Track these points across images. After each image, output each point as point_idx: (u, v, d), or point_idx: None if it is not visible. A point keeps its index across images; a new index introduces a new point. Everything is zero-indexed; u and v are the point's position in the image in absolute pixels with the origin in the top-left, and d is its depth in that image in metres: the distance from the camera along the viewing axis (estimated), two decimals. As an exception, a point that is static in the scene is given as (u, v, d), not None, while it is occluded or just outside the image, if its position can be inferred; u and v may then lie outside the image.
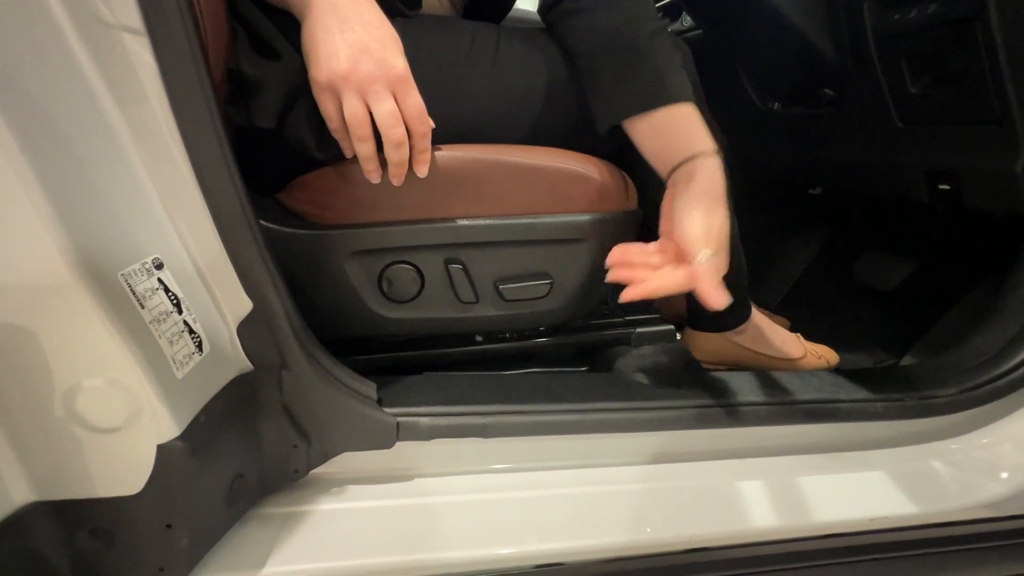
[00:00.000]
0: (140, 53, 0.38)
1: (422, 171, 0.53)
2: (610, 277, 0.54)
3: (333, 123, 0.50)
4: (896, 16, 0.73)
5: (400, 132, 0.49)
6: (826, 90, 0.94)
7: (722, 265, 0.52)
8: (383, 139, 0.49)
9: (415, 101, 0.49)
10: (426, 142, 0.51)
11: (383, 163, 0.52)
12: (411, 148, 0.51)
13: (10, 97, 0.32)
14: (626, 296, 0.51)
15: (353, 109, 0.48)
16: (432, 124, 0.51)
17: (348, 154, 0.53)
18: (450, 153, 0.57)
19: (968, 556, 0.63)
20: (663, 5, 1.16)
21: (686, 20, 1.16)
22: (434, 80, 0.58)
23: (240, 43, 0.53)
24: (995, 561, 0.64)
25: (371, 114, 0.49)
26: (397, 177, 0.52)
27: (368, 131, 0.49)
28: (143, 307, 0.38)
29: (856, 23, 0.79)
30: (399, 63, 0.48)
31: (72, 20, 0.36)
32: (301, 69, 0.50)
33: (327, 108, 0.49)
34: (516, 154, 0.60)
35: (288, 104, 0.53)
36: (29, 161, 0.33)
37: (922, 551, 0.62)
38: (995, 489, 0.63)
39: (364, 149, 0.50)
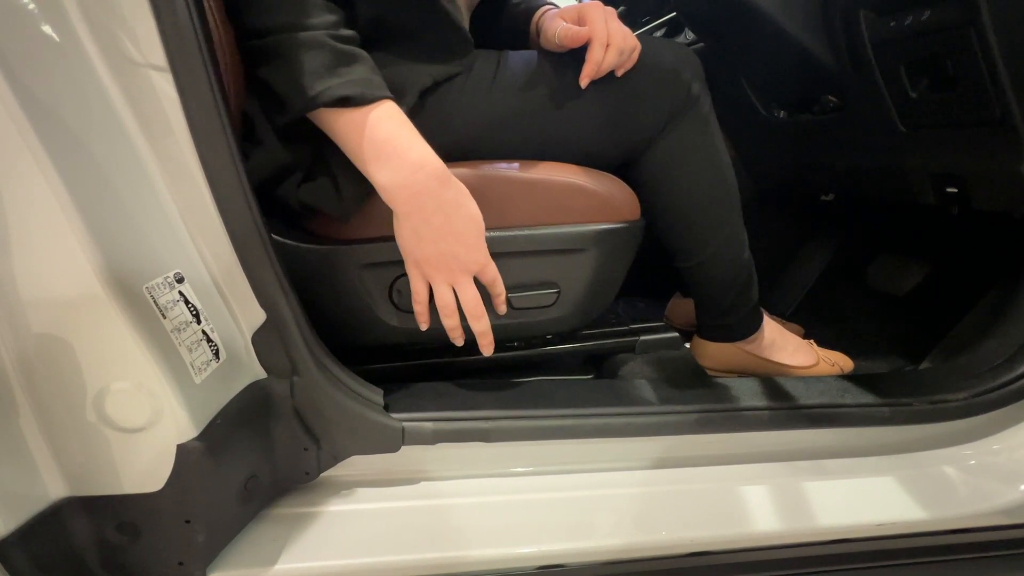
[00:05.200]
0: (165, 88, 0.42)
1: (502, 311, 0.62)
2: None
3: (419, 299, 0.58)
4: (891, 23, 0.74)
5: (478, 312, 0.58)
6: (830, 97, 0.94)
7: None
8: (467, 319, 0.58)
9: (492, 274, 0.58)
10: (502, 298, 0.60)
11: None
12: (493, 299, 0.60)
13: (52, 131, 0.37)
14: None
15: (444, 299, 0.57)
16: (503, 291, 0.60)
17: (423, 326, 0.60)
18: (454, 170, 0.60)
19: (982, 564, 0.62)
20: (664, 21, 1.19)
21: (688, 35, 1.18)
22: (436, 103, 0.62)
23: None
24: (1011, 569, 0.62)
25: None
26: (487, 348, 0.61)
27: (456, 315, 0.58)
28: (165, 317, 0.41)
29: (853, 31, 0.79)
30: (481, 257, 0.56)
31: (105, 60, 0.40)
32: (284, 154, 0.55)
33: (417, 287, 0.57)
34: (517, 169, 0.63)
35: (273, 176, 0.57)
36: (67, 187, 0.37)
37: (933, 558, 0.61)
38: (1011, 495, 0.61)
39: (451, 323, 0.59)
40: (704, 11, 0.98)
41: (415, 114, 0.60)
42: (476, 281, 0.58)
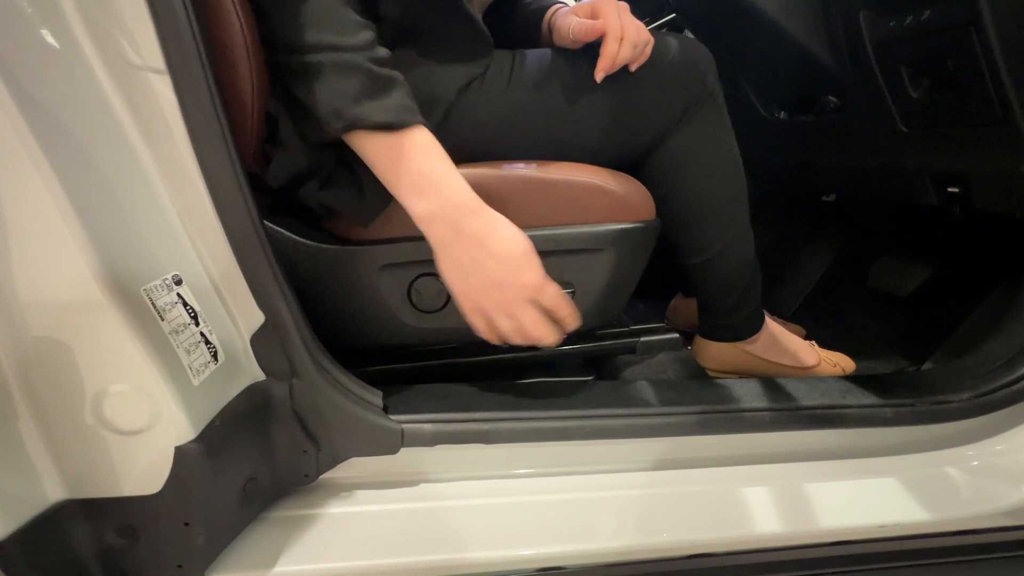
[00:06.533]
0: (163, 91, 0.43)
1: (570, 330, 0.58)
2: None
3: (487, 335, 0.56)
4: (892, 23, 0.74)
5: (543, 334, 0.55)
6: (830, 97, 0.94)
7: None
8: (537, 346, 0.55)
9: (552, 297, 0.54)
10: (567, 321, 0.57)
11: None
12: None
13: (50, 133, 0.37)
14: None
15: (506, 328, 0.54)
16: (572, 304, 0.56)
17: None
18: (471, 171, 0.60)
19: (985, 565, 0.61)
20: (664, 22, 1.19)
21: (688, 35, 1.18)
22: (453, 107, 0.61)
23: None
24: (1014, 571, 0.62)
25: None
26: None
27: (526, 340, 0.55)
28: (163, 319, 0.41)
29: (853, 32, 0.79)
30: (531, 279, 0.53)
31: (104, 63, 0.40)
32: (307, 158, 0.55)
33: (479, 326, 0.56)
34: (534, 169, 0.62)
35: (295, 179, 0.57)
36: (66, 190, 0.37)
37: (937, 560, 0.60)
38: (1014, 496, 0.61)
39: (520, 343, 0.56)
40: (704, 12, 0.98)
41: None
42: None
